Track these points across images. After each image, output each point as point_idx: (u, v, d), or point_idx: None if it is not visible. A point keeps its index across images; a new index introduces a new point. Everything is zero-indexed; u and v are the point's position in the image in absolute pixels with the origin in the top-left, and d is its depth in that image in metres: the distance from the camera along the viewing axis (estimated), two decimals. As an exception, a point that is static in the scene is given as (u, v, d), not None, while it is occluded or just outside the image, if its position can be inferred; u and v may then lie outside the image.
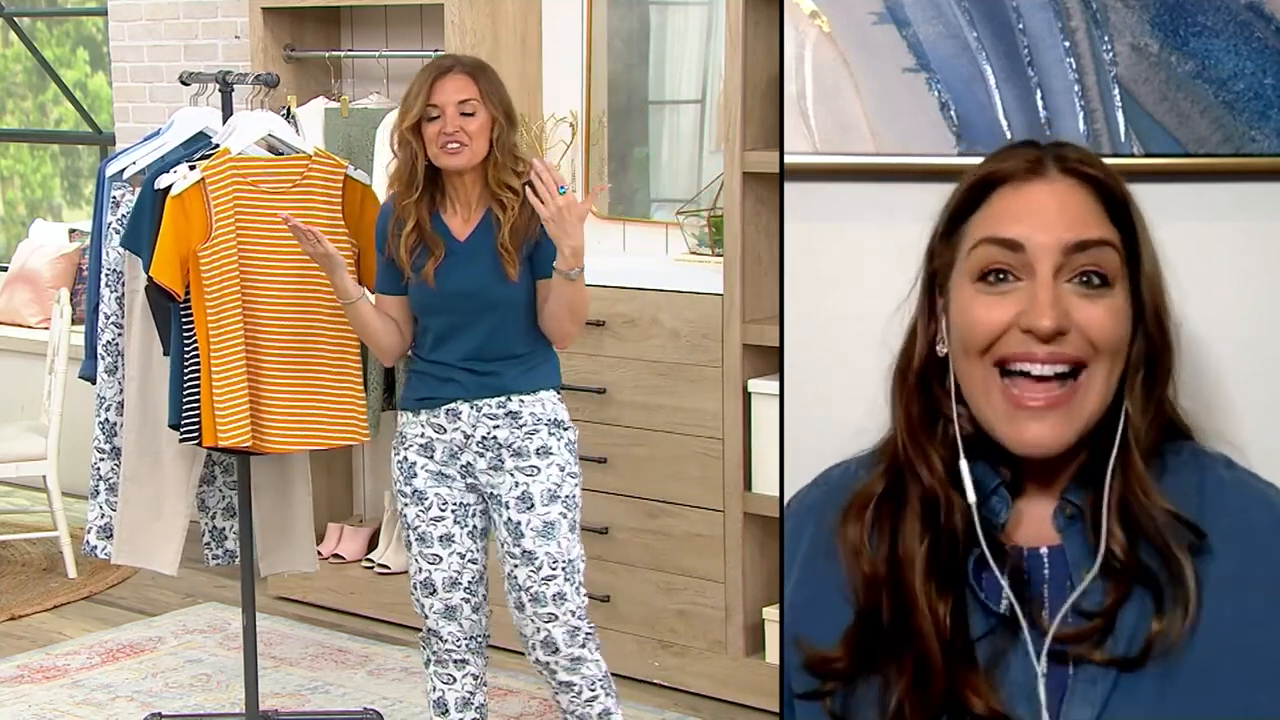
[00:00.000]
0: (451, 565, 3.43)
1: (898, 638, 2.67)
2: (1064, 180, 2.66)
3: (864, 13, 3.12)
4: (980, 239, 2.64)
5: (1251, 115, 3.04)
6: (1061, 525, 2.68)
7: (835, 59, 3.14)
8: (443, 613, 3.45)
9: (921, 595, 2.64)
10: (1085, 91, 3.09)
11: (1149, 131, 3.08)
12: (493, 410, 3.37)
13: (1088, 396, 2.61)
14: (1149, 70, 3.08)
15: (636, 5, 4.84)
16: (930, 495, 2.68)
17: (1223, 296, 3.02)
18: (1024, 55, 3.10)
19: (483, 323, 3.36)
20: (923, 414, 2.72)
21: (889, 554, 2.69)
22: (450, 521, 3.42)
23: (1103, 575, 2.63)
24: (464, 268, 3.35)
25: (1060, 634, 2.63)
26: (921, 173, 3.02)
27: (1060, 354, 2.59)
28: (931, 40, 3.11)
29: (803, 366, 3.10)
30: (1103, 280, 2.61)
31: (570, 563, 3.36)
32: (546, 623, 3.35)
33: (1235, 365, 2.98)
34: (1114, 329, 2.60)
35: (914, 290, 2.77)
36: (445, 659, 3.48)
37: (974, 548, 2.66)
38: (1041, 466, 2.69)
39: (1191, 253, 2.99)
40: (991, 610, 2.66)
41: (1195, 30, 3.06)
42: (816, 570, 2.84)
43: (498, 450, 3.37)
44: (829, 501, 2.83)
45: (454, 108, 3.29)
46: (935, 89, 3.11)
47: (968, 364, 2.67)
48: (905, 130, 3.12)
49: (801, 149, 3.14)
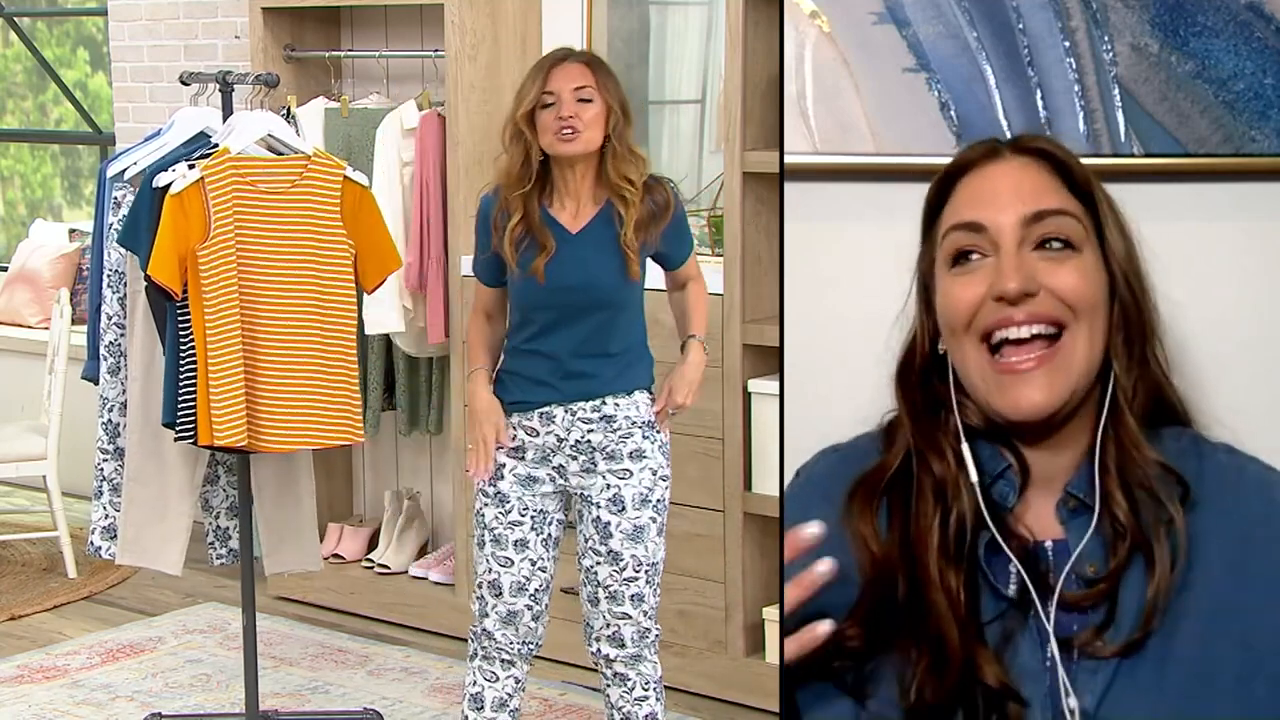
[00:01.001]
0: (521, 570, 3.36)
1: (914, 616, 2.70)
2: (1019, 158, 2.75)
3: (864, 13, 3.12)
4: (948, 227, 2.75)
5: (1251, 115, 3.04)
6: (1064, 518, 2.72)
7: (835, 59, 3.14)
8: (504, 617, 3.38)
9: (935, 572, 2.69)
10: (1085, 91, 3.09)
11: (1149, 131, 3.08)
12: (587, 414, 3.32)
13: (1073, 354, 2.68)
14: (1149, 70, 3.08)
15: (636, 5, 4.84)
16: (941, 481, 2.75)
17: (1223, 296, 3.02)
18: (1024, 55, 3.10)
19: (589, 318, 3.30)
20: (927, 406, 2.80)
21: (901, 537, 2.75)
22: (528, 527, 3.36)
23: (1104, 538, 2.68)
24: (578, 261, 3.28)
25: (1064, 599, 2.68)
26: (921, 173, 3.01)
27: (1036, 313, 2.67)
28: (931, 40, 3.11)
29: (803, 366, 3.10)
30: (1066, 244, 2.69)
31: (654, 565, 3.36)
32: (619, 619, 3.36)
33: (1235, 365, 2.98)
34: (1083, 287, 2.68)
35: (910, 295, 2.83)
36: (493, 657, 3.42)
37: (984, 531, 2.71)
38: (1043, 447, 2.74)
39: (1191, 253, 3.00)
40: (1001, 594, 2.70)
41: (1195, 30, 3.06)
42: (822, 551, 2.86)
43: (591, 453, 3.33)
44: (833, 478, 2.85)
45: (570, 93, 3.23)
46: (935, 89, 3.12)
47: (957, 345, 2.74)
48: (905, 130, 3.12)
49: (801, 149, 3.14)
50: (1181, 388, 2.81)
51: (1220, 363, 2.96)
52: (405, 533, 5.20)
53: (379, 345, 5.01)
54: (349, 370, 3.88)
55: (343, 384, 3.87)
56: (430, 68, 5.04)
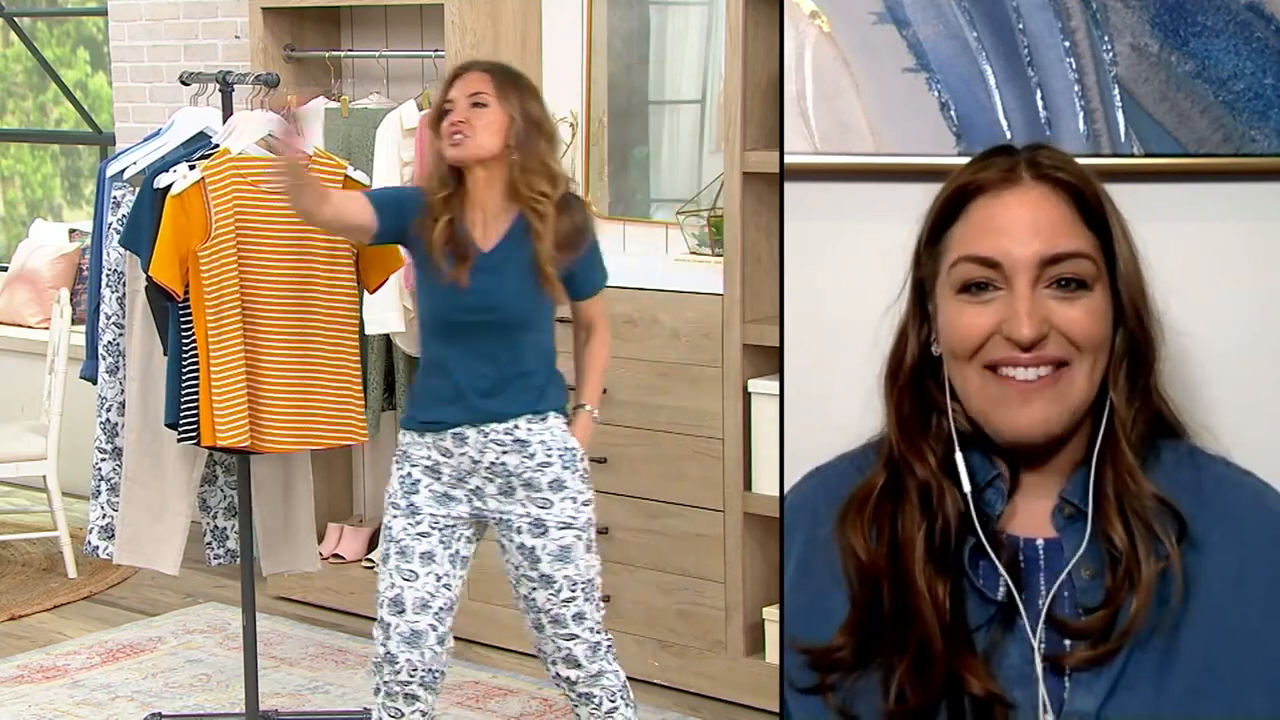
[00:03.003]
0: (426, 586, 3.28)
1: (899, 624, 2.71)
2: (1038, 188, 2.70)
3: (864, 13, 3.12)
4: (959, 257, 2.70)
5: (1251, 115, 3.04)
6: (1060, 525, 2.72)
7: (835, 59, 3.14)
8: (406, 636, 3.29)
9: (921, 579, 2.68)
10: (1085, 91, 3.09)
11: (1149, 131, 3.08)
12: (499, 436, 3.27)
13: (1074, 385, 2.67)
14: (1149, 70, 3.08)
15: (636, 5, 4.84)
16: (925, 487, 2.73)
17: (1223, 296, 3.02)
18: (1024, 55, 3.10)
19: (498, 338, 3.26)
20: (915, 412, 2.78)
21: (889, 545, 2.74)
22: (435, 539, 3.30)
23: (1101, 567, 2.67)
24: (493, 280, 3.24)
25: (1060, 625, 2.67)
26: (922, 173, 3.02)
27: (1043, 356, 2.65)
28: (931, 40, 3.11)
29: (803, 366, 3.10)
30: (1080, 284, 2.67)
31: (589, 582, 3.31)
32: (567, 641, 3.31)
33: (1235, 365, 2.98)
34: (1093, 328, 2.66)
35: (903, 294, 2.82)
36: (395, 691, 3.32)
37: (970, 537, 2.70)
38: (1035, 464, 2.74)
39: (1191, 253, 3.00)
40: (989, 598, 2.70)
41: (1195, 30, 3.06)
42: (813, 569, 2.85)
43: (508, 477, 3.28)
44: (823, 498, 2.85)
45: (465, 99, 3.23)
46: (935, 89, 3.11)
47: (958, 367, 2.73)
48: (905, 130, 3.12)
49: (801, 149, 3.14)
50: (1178, 390, 2.80)
51: (1220, 363, 2.96)
52: (405, 533, 5.19)
53: (379, 345, 5.01)
54: (351, 370, 3.88)
55: (345, 384, 3.87)
56: (430, 68, 5.04)
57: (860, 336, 2.90)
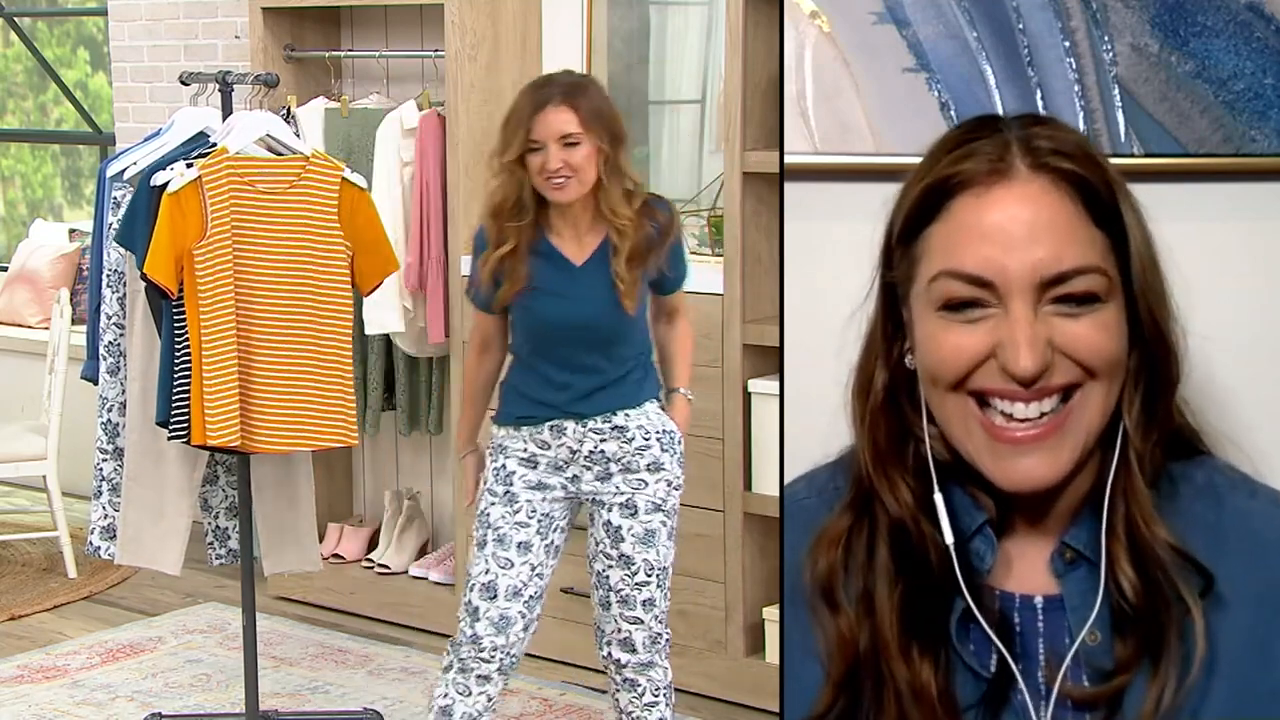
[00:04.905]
0: (520, 575, 3.31)
1: (879, 702, 2.31)
2: (1036, 181, 2.23)
3: (864, 13, 3.12)
4: (941, 271, 2.24)
5: (1251, 115, 3.04)
6: (1060, 571, 2.30)
7: (835, 59, 3.14)
8: (495, 621, 3.30)
9: (900, 659, 2.24)
10: (1085, 91, 3.09)
11: (1149, 131, 3.08)
12: (598, 425, 3.31)
13: (1082, 419, 2.24)
14: (1149, 70, 3.08)
15: (636, 5, 4.84)
16: (900, 532, 2.28)
17: (1223, 297, 3.01)
18: (1024, 55, 3.10)
19: (593, 347, 3.29)
20: (890, 436, 2.34)
21: (862, 606, 2.30)
22: (534, 530, 3.32)
23: (1111, 626, 2.26)
24: (579, 298, 3.26)
25: (1065, 694, 2.26)
26: (921, 173, 3.01)
27: (1047, 387, 2.21)
28: (931, 40, 3.11)
29: (803, 366, 3.10)
30: (1091, 298, 2.23)
31: (665, 570, 3.36)
32: (630, 624, 3.35)
33: (1235, 366, 2.98)
34: (1106, 346, 2.22)
35: (870, 294, 2.43)
36: (469, 669, 3.32)
37: (956, 597, 2.25)
38: (1033, 500, 2.32)
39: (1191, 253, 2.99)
40: (980, 674, 2.28)
41: (1195, 30, 3.06)
42: (787, 628, 2.52)
43: (606, 463, 3.32)
44: (800, 527, 2.48)
45: (556, 144, 3.17)
46: (935, 89, 3.11)
47: (938, 395, 2.28)
48: (905, 130, 3.11)
49: (801, 149, 3.14)
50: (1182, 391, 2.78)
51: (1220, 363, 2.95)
52: (405, 533, 5.19)
53: (379, 345, 5.01)
54: (344, 372, 3.87)
55: (337, 385, 3.87)
56: (430, 68, 5.04)
57: (860, 336, 2.90)
